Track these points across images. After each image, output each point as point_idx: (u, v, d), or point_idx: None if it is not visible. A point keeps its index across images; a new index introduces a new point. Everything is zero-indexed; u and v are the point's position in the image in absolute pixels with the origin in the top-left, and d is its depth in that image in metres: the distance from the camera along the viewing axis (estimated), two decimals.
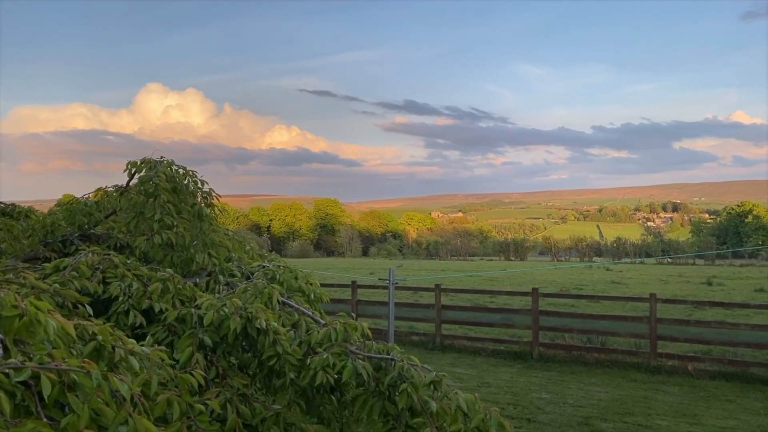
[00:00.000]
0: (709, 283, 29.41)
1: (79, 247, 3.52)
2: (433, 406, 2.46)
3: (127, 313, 2.80)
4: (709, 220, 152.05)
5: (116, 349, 1.86)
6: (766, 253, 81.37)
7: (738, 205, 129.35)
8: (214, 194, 3.78)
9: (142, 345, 2.04)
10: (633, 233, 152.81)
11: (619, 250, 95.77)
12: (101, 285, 2.89)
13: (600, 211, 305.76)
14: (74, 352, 1.78)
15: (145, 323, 2.80)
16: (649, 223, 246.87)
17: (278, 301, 3.11)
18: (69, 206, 4.01)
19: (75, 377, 1.56)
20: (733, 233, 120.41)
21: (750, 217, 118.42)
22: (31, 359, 1.57)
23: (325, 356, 2.62)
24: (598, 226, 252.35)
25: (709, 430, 7.98)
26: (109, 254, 3.10)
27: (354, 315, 2.97)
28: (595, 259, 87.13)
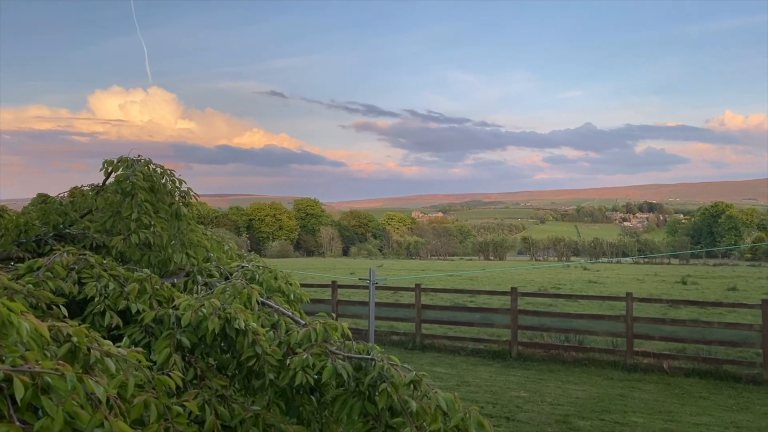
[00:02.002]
0: (684, 282, 29.93)
1: (54, 247, 3.46)
2: (413, 405, 2.46)
3: (103, 314, 2.75)
4: (683, 221, 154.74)
5: (92, 350, 1.83)
6: (738, 253, 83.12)
7: (712, 206, 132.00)
8: (192, 193, 3.74)
9: (119, 346, 2.01)
10: (610, 233, 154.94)
11: (596, 250, 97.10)
12: (76, 285, 2.84)
13: (578, 211, 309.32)
14: (48, 354, 1.74)
15: (121, 324, 2.76)
16: (625, 224, 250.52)
17: (257, 301, 3.09)
18: (43, 205, 3.94)
19: (49, 380, 1.53)
20: (706, 233, 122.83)
21: (723, 217, 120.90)
22: (3, 361, 1.54)
23: (304, 356, 2.61)
24: (576, 226, 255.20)
25: (684, 427, 8.12)
26: (84, 254, 3.05)
27: (334, 315, 2.96)
28: (572, 258, 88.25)
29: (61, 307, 2.46)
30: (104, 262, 3.06)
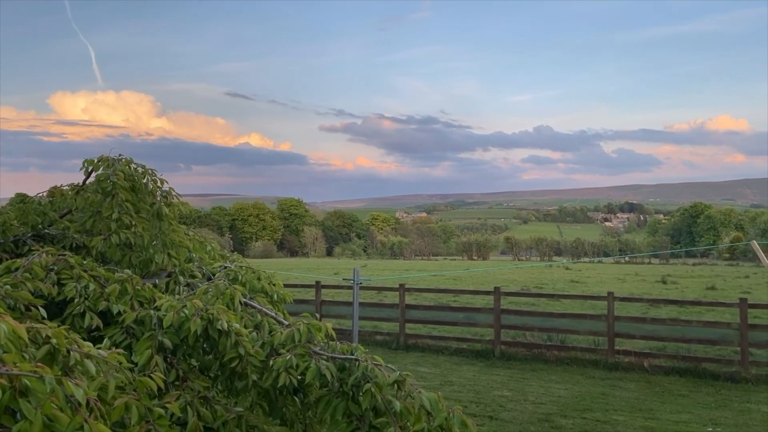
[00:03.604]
0: (664, 282, 30.32)
1: (33, 248, 3.40)
2: (397, 405, 2.46)
3: (83, 315, 2.71)
4: (663, 221, 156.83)
5: (71, 352, 1.80)
6: (717, 253, 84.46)
7: (691, 206, 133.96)
8: (174, 193, 3.70)
9: (99, 348, 1.98)
10: (592, 233, 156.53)
11: (578, 250, 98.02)
12: (56, 286, 2.80)
13: (560, 211, 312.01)
14: (26, 356, 1.71)
15: (102, 326, 2.72)
16: (606, 224, 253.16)
17: (240, 302, 3.07)
18: (21, 205, 3.87)
19: (27, 382, 1.50)
20: (686, 233, 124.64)
21: (702, 217, 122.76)
22: None
23: (288, 357, 2.60)
24: (558, 226, 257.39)
25: (664, 425, 8.23)
26: (64, 255, 3.00)
27: (318, 315, 2.95)
28: (555, 258, 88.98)
29: (40, 308, 2.42)
30: (84, 262, 3.02)
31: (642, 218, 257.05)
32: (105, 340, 2.59)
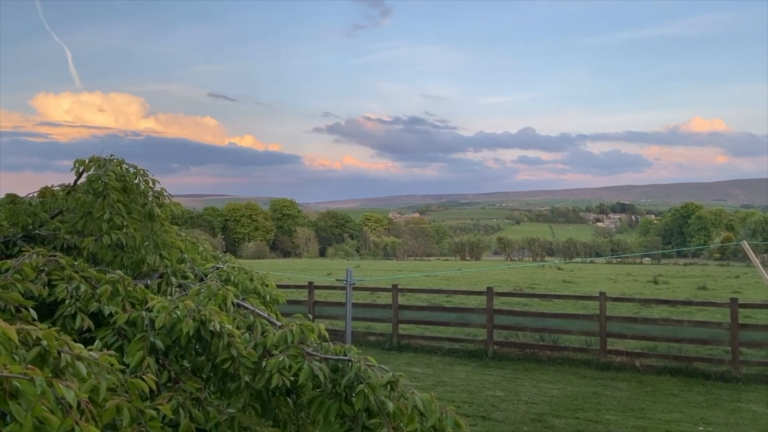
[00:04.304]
0: (655, 282, 30.49)
1: (23, 249, 3.37)
2: (390, 406, 2.46)
3: (74, 316, 2.69)
4: (655, 221, 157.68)
5: (62, 354, 1.79)
6: (707, 253, 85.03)
7: (682, 207, 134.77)
8: (165, 194, 3.68)
9: (90, 350, 1.97)
10: (584, 234, 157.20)
11: (570, 250, 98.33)
12: (46, 288, 2.78)
13: (552, 212, 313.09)
14: (17, 358, 1.70)
15: (93, 327, 2.71)
16: (598, 224, 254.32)
17: (233, 303, 3.06)
18: (11, 206, 3.84)
19: (17, 384, 1.49)
20: (677, 233, 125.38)
21: (693, 218, 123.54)
22: None
23: (280, 358, 2.59)
24: (550, 226, 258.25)
25: (655, 424, 8.27)
26: (55, 256, 2.98)
27: (311, 316, 2.94)
28: (547, 258, 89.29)
29: (31, 309, 2.40)
30: (75, 263, 3.00)
31: (633, 218, 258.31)
32: (96, 341, 2.57)
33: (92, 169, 3.44)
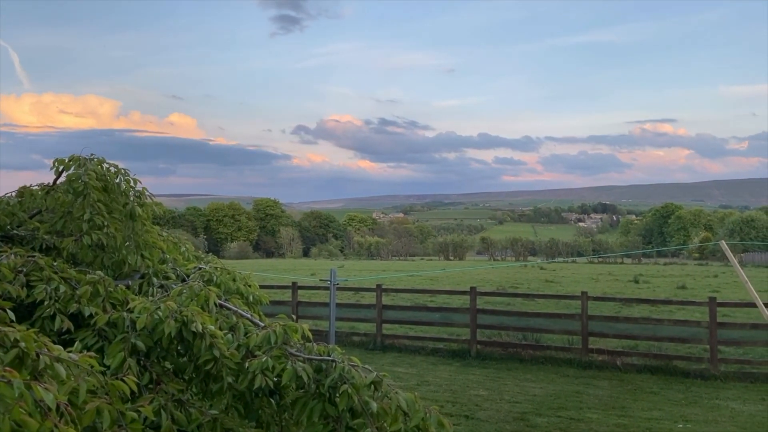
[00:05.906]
0: (636, 281, 30.86)
1: (1, 249, 3.32)
2: (374, 406, 2.46)
3: (53, 317, 2.66)
4: (635, 221, 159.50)
5: (41, 356, 1.77)
6: (687, 252, 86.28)
7: (662, 207, 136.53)
8: (147, 193, 3.65)
9: (70, 351, 1.94)
10: (566, 234, 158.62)
11: (552, 250, 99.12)
12: (25, 288, 2.73)
13: (534, 212, 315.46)
14: None
15: (73, 328, 2.67)
16: (580, 224, 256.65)
17: (215, 303, 3.03)
18: None
19: None
20: (657, 233, 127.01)
21: (672, 218, 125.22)
22: None
23: (264, 359, 2.58)
24: (533, 226, 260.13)
25: (636, 422, 8.37)
26: (33, 256, 2.94)
27: (294, 317, 2.93)
28: (530, 258, 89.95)
29: (8, 311, 2.37)
30: (55, 264, 2.96)
31: (615, 219, 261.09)
32: (76, 343, 2.54)
33: (72, 168, 3.39)
